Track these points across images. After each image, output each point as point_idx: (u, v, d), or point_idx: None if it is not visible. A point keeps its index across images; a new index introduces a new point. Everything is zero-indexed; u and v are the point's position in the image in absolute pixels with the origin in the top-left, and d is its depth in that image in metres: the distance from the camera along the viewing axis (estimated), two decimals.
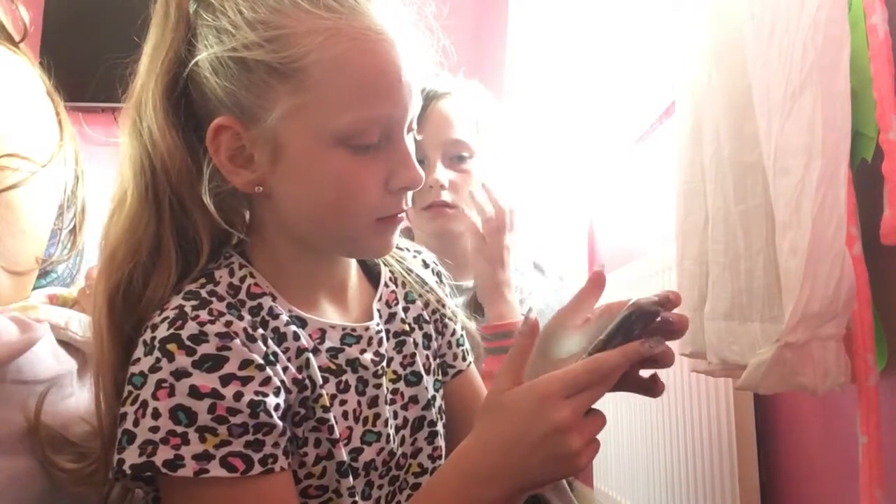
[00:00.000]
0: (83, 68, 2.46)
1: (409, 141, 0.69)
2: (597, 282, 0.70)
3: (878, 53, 0.75)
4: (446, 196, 1.21)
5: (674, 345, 0.65)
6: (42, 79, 0.82)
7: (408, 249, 0.86)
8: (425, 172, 1.18)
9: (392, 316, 0.78)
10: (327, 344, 0.71)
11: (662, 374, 0.66)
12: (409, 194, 0.71)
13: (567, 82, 1.99)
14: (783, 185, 0.77)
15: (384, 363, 0.74)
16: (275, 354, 0.66)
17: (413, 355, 0.78)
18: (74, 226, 0.85)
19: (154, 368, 0.61)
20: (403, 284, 0.81)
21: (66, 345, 0.74)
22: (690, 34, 0.98)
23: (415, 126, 0.71)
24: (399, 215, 0.70)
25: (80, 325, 0.75)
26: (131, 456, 0.59)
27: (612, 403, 1.68)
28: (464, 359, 0.87)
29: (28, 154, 0.75)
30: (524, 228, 1.52)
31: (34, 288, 0.82)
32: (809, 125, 0.75)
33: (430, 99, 1.22)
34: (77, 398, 0.73)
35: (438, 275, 0.87)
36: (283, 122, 0.64)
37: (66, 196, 0.83)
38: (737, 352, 0.88)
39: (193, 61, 0.66)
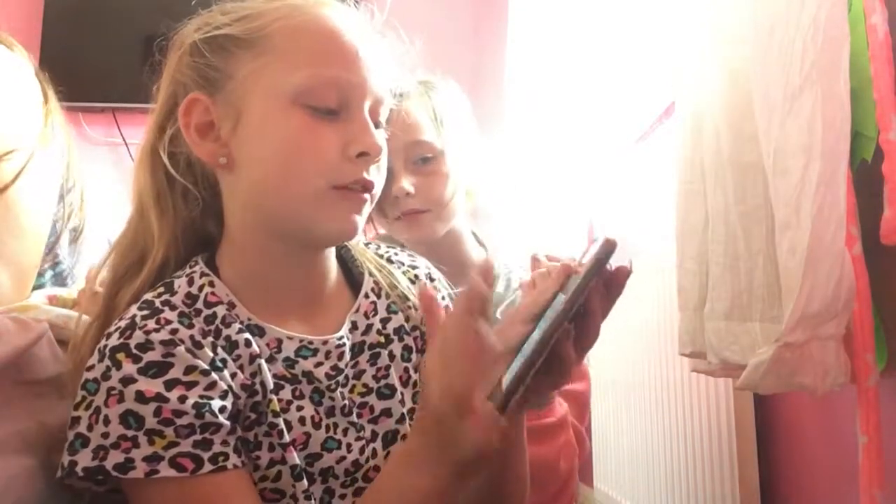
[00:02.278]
0: (83, 68, 2.47)
1: (381, 134, 0.72)
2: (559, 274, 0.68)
3: (878, 53, 0.75)
4: (414, 203, 1.16)
5: (674, 344, 0.65)
6: (23, 57, 0.80)
7: (401, 263, 0.84)
8: (390, 181, 1.14)
9: (368, 328, 0.77)
10: (283, 354, 0.71)
11: (662, 374, 0.65)
12: (374, 174, 0.71)
13: (567, 82, 1.99)
14: (783, 185, 0.77)
15: (341, 377, 0.73)
16: (223, 361, 0.67)
17: (388, 367, 0.76)
18: (72, 213, 0.84)
19: (105, 376, 0.63)
20: (387, 295, 0.80)
21: (66, 345, 0.73)
22: (690, 34, 0.98)
23: (382, 120, 0.73)
24: (362, 194, 0.70)
25: (79, 325, 0.75)
26: (84, 459, 0.62)
27: (613, 403, 1.68)
28: None
29: (15, 142, 0.74)
30: (525, 233, 1.49)
31: (36, 286, 0.82)
32: (809, 125, 0.75)
33: None
34: None
35: (432, 282, 0.84)
36: (245, 84, 0.69)
37: (63, 190, 0.83)
38: (737, 352, 0.88)
39: (182, 63, 0.72)
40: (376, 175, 0.71)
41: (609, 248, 0.59)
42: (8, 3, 2.55)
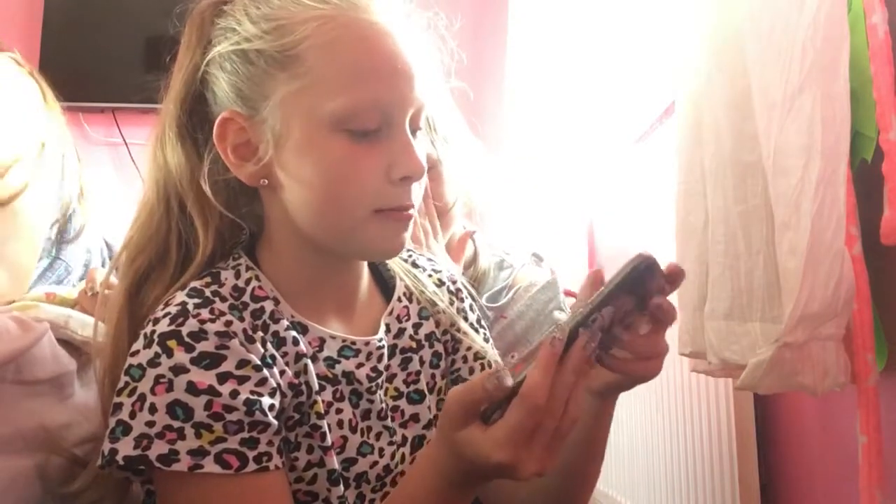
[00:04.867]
0: (83, 68, 2.47)
1: (420, 139, 0.69)
2: (595, 281, 0.67)
3: (878, 53, 0.75)
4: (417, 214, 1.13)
5: (674, 345, 0.64)
6: (17, 61, 0.80)
7: (424, 269, 0.84)
8: None
9: (401, 331, 0.77)
10: (325, 353, 0.70)
11: (662, 374, 0.65)
12: (415, 190, 0.69)
13: (567, 82, 1.99)
14: (782, 185, 0.77)
15: (381, 379, 0.73)
16: (272, 357, 0.66)
17: (418, 373, 0.76)
18: (71, 214, 0.84)
19: (153, 363, 0.61)
20: (418, 301, 0.80)
21: (67, 344, 0.73)
22: (690, 34, 0.98)
23: (422, 125, 0.70)
24: (406, 212, 0.68)
25: (79, 324, 0.75)
26: (125, 447, 0.60)
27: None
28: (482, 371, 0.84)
29: (20, 151, 0.74)
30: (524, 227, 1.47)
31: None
32: (809, 125, 0.75)
33: None
34: (78, 398, 0.73)
35: (457, 292, 0.84)
36: (282, 109, 0.65)
37: (63, 190, 0.82)
38: (737, 352, 0.88)
39: (204, 62, 0.69)
40: (417, 189, 0.69)
41: (639, 261, 0.59)
42: (8, 3, 2.55)
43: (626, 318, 0.60)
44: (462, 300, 0.84)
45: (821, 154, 0.74)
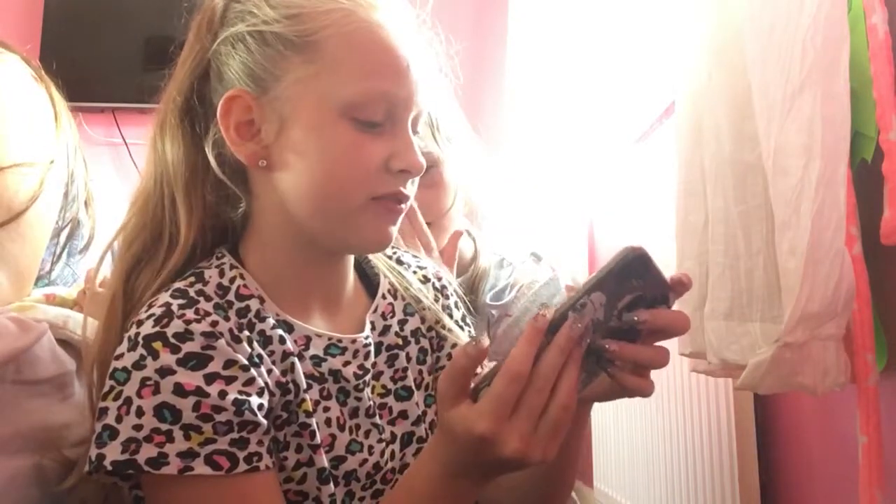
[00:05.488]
0: (83, 68, 2.48)
1: (416, 140, 0.71)
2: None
3: (878, 53, 0.75)
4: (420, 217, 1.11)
5: (674, 344, 0.64)
6: (27, 63, 0.80)
7: (408, 265, 0.84)
8: None
9: (386, 328, 0.77)
10: (311, 351, 0.70)
11: (662, 374, 0.65)
12: (410, 184, 0.71)
13: (567, 82, 1.99)
14: (782, 186, 0.77)
15: (368, 377, 0.73)
16: (259, 356, 0.66)
17: (405, 370, 0.76)
18: (77, 225, 0.84)
19: (138, 365, 0.61)
20: (403, 297, 0.80)
21: (66, 344, 0.73)
22: (690, 34, 0.98)
23: (419, 130, 0.72)
24: (399, 205, 0.70)
25: (78, 324, 0.75)
26: (113, 452, 0.59)
27: (613, 403, 1.68)
28: None
29: (31, 157, 0.74)
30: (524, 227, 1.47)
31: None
32: (809, 125, 0.75)
33: None
34: (78, 398, 0.73)
35: (442, 289, 0.84)
36: (294, 91, 0.67)
37: (68, 197, 0.83)
38: (737, 352, 0.87)
39: (214, 45, 0.70)
40: (411, 188, 0.71)
41: (628, 251, 0.59)
42: (8, 3, 2.55)
43: (623, 316, 0.60)
44: (447, 297, 0.84)
45: (821, 154, 0.74)
